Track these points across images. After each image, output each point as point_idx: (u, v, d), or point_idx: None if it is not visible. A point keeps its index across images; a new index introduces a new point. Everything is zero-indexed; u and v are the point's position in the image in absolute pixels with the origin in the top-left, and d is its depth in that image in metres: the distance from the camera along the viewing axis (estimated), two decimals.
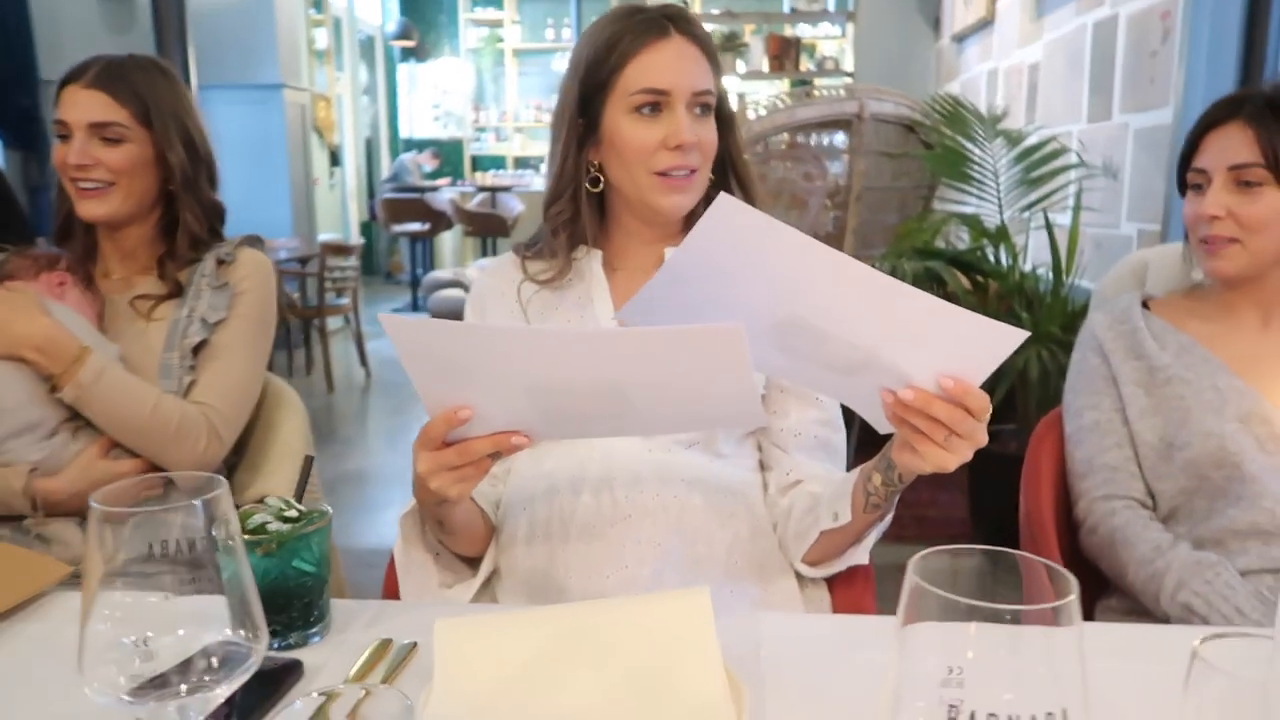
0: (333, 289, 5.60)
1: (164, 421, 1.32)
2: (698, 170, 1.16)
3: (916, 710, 0.43)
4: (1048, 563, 0.43)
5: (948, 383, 0.84)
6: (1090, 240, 3.34)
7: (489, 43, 10.31)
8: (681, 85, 1.13)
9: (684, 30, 1.15)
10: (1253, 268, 1.26)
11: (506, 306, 1.25)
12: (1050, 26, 3.81)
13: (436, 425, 0.88)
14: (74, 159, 1.36)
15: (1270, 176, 1.21)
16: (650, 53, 1.13)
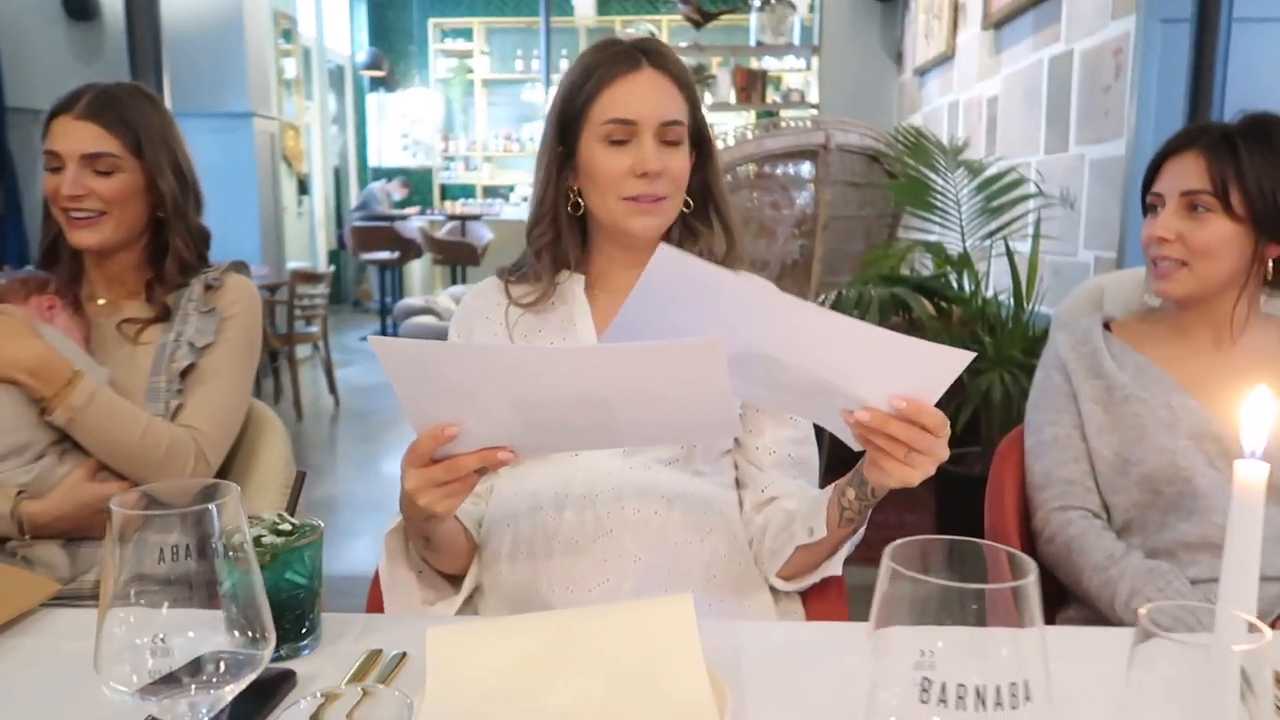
0: (302, 317, 5.59)
1: (154, 444, 1.33)
2: (667, 197, 1.20)
3: (892, 689, 0.46)
4: (1009, 550, 0.47)
5: (900, 403, 0.90)
6: (1049, 267, 3.43)
7: (458, 73, 10.38)
8: (648, 116, 1.17)
9: (656, 63, 1.19)
10: (1199, 291, 1.32)
11: (492, 329, 1.28)
12: (1008, 61, 3.93)
13: (424, 442, 0.91)
14: (67, 190, 1.38)
15: (1218, 204, 1.27)
16: (620, 85, 1.18)
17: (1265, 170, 1.26)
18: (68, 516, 1.33)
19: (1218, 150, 1.28)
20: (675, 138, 1.19)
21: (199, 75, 5.85)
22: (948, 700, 0.44)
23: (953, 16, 4.60)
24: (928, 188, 3.14)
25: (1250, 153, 1.26)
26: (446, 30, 10.33)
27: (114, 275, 1.48)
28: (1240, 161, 1.26)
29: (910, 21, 5.49)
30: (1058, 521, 1.35)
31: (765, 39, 6.29)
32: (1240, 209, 1.27)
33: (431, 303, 4.05)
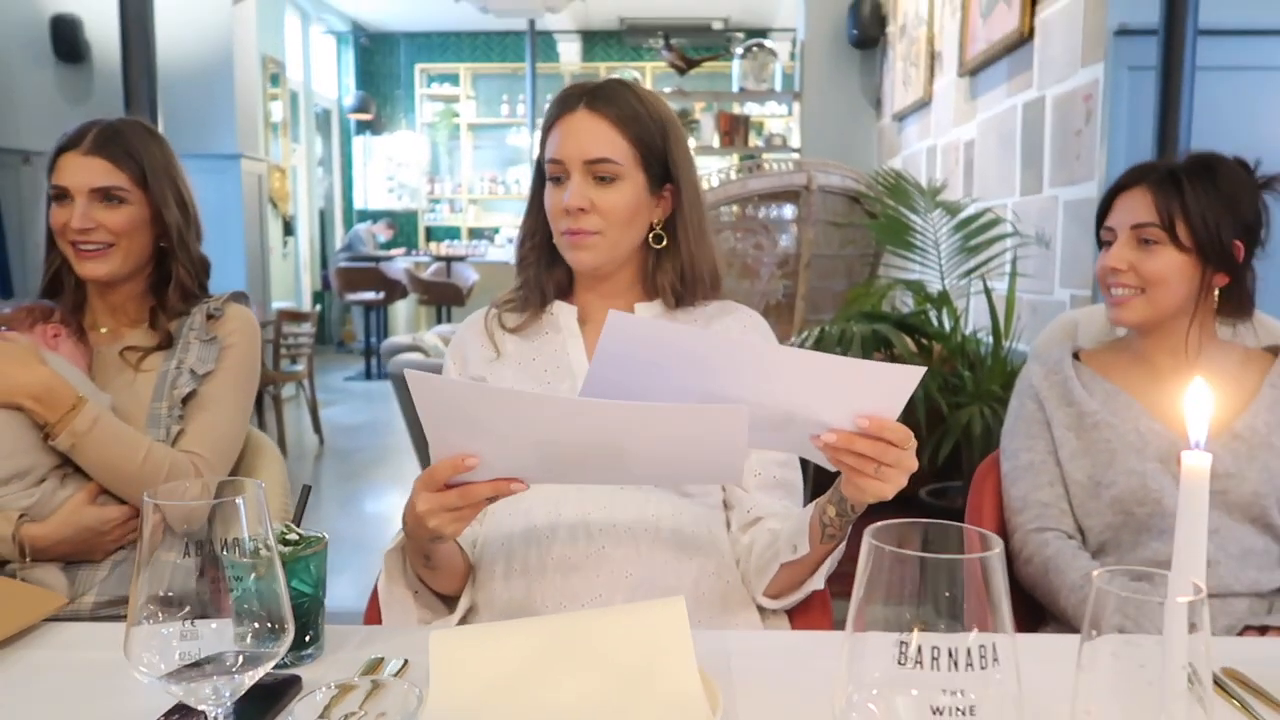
0: (288, 355, 5.61)
1: (154, 469, 1.36)
2: (598, 232, 1.24)
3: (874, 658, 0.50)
4: (980, 530, 0.51)
5: (863, 422, 0.95)
6: (1026, 305, 3.51)
7: (445, 117, 10.52)
8: (572, 155, 1.23)
9: (593, 105, 1.24)
10: (1152, 317, 1.39)
11: (485, 356, 1.32)
12: (983, 107, 4.05)
13: (442, 469, 0.95)
14: (77, 223, 1.42)
15: (1165, 236, 1.35)
16: (558, 126, 1.26)
17: (1208, 204, 1.34)
18: (68, 540, 1.35)
19: (1163, 186, 1.36)
20: (607, 174, 1.23)
21: (189, 117, 5.91)
22: (923, 662, 0.48)
23: (929, 64, 4.73)
24: (907, 227, 3.22)
25: (1194, 188, 1.34)
26: (433, 75, 10.48)
27: (117, 304, 1.52)
28: (1184, 196, 1.34)
29: (889, 68, 5.63)
30: (1035, 543, 1.40)
31: (748, 85, 6.43)
32: (1186, 240, 1.34)
33: (418, 340, 4.08)
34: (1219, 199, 1.34)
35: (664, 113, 1.30)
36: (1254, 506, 1.32)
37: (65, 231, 1.44)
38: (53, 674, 0.93)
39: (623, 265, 1.31)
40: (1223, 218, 1.34)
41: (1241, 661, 0.94)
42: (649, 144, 1.26)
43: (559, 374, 1.29)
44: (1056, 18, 3.28)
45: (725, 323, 1.34)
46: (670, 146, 1.28)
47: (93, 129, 1.46)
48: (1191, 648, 0.47)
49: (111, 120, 1.49)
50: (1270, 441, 1.34)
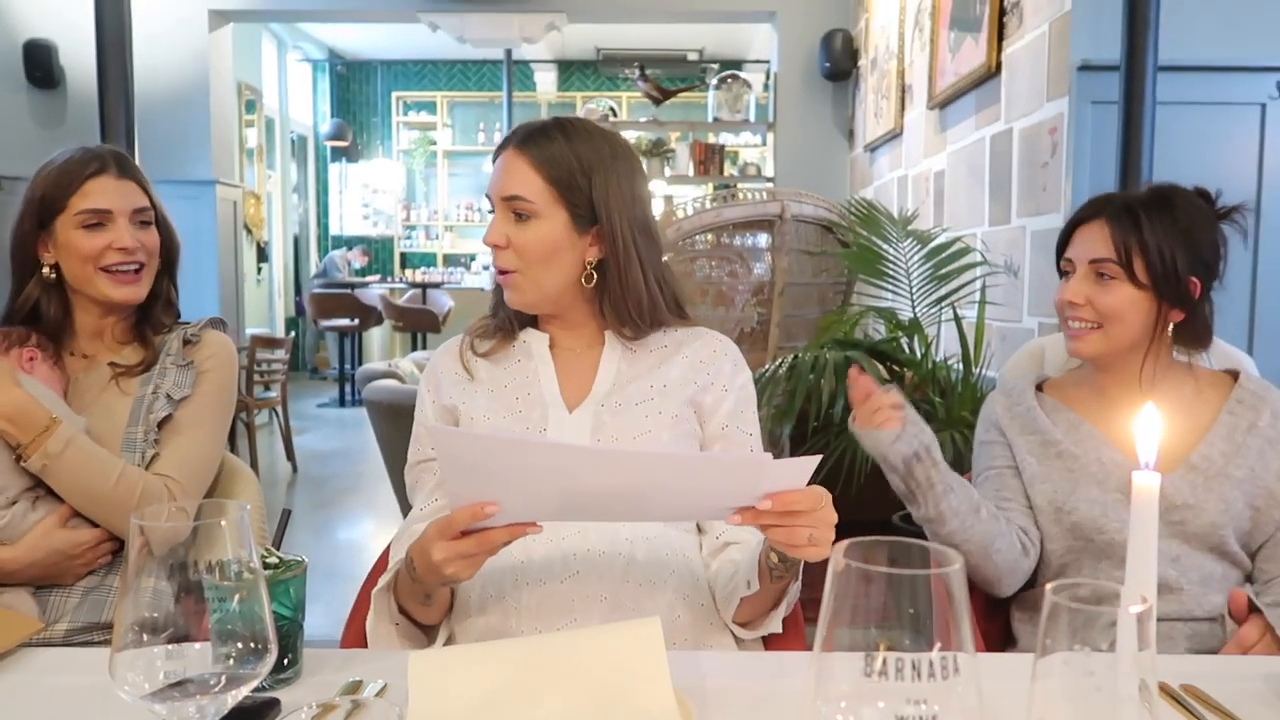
0: (261, 382, 5.59)
1: (127, 492, 1.36)
2: (517, 270, 1.28)
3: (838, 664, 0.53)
4: (941, 547, 0.54)
5: (765, 504, 0.96)
6: (996, 333, 3.57)
7: (421, 144, 10.55)
8: (494, 192, 1.29)
9: (521, 145, 1.28)
10: (1108, 350, 1.40)
11: (459, 384, 1.34)
12: (953, 139, 4.13)
13: (461, 518, 0.97)
14: (127, 243, 1.44)
15: (1122, 272, 1.36)
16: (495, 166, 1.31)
17: (1165, 238, 1.35)
18: (39, 564, 1.35)
19: (1121, 221, 1.37)
20: (522, 211, 1.27)
21: (165, 143, 5.92)
22: (888, 673, 0.50)
23: (900, 97, 4.83)
24: (879, 256, 3.27)
25: (1151, 223, 1.35)
26: (410, 103, 10.52)
27: (101, 329, 1.52)
28: (1142, 232, 1.35)
29: (860, 101, 5.73)
30: None
31: (722, 115, 6.52)
32: (1143, 277, 1.35)
33: (395, 367, 4.08)
34: (1176, 235, 1.35)
35: (595, 153, 1.29)
36: (1212, 536, 1.35)
37: (104, 255, 1.45)
38: (31, 699, 0.93)
39: (567, 304, 1.32)
40: (1179, 254, 1.35)
41: (1200, 677, 0.97)
42: (568, 184, 1.27)
43: (530, 401, 1.30)
44: (1022, 53, 3.37)
45: (694, 347, 1.36)
46: (595, 186, 1.28)
47: (111, 153, 1.49)
48: (1140, 658, 0.50)
49: (106, 147, 1.51)
50: (1226, 471, 1.36)
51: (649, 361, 1.34)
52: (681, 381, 1.32)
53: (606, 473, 0.95)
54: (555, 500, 0.97)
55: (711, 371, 1.34)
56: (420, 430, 1.36)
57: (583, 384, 1.33)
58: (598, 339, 1.36)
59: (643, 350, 1.35)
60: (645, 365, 1.34)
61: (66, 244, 1.45)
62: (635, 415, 1.28)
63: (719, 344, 1.38)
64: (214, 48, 6.34)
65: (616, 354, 1.35)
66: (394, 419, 3.64)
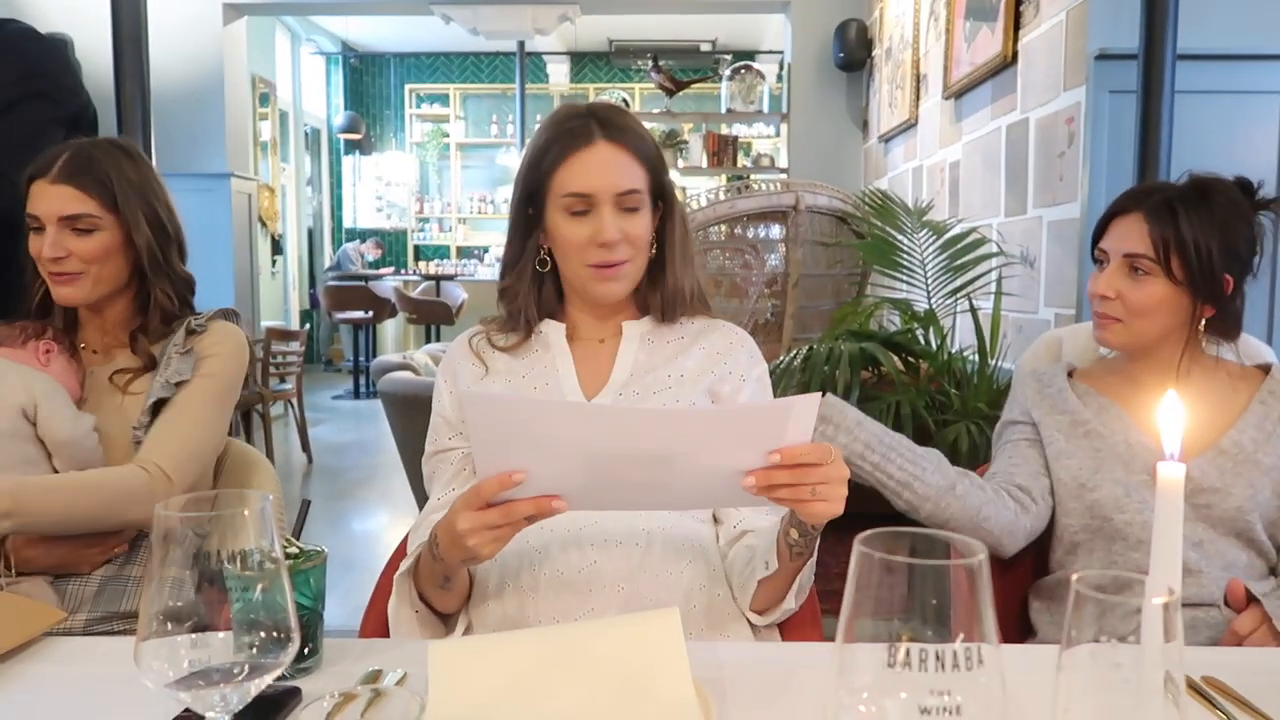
0: (276, 374, 5.61)
1: (105, 503, 1.34)
2: (628, 260, 1.28)
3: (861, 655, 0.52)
4: (964, 538, 0.53)
5: (775, 458, 0.97)
6: (1012, 324, 3.55)
7: (434, 137, 10.57)
8: (603, 189, 1.25)
9: (610, 135, 1.26)
10: (1135, 344, 1.41)
11: (476, 374, 1.34)
12: (968, 129, 4.10)
13: (489, 486, 0.97)
14: (48, 252, 1.42)
15: (1158, 268, 1.36)
16: (577, 160, 1.25)
17: (1202, 234, 1.33)
18: (55, 552, 1.35)
19: (1159, 215, 1.36)
20: (633, 204, 1.27)
21: (179, 137, 5.94)
22: (911, 664, 0.50)
23: (915, 86, 4.80)
24: (894, 247, 3.26)
25: (1190, 219, 1.34)
26: (423, 95, 10.53)
27: (105, 325, 1.53)
28: (1180, 227, 1.34)
29: (875, 91, 5.70)
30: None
31: (735, 106, 6.50)
32: (1179, 273, 1.35)
33: (409, 359, 4.09)
34: (1214, 232, 1.34)
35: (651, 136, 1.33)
36: (1238, 521, 1.35)
37: (40, 259, 1.45)
38: (54, 688, 0.94)
39: None
40: (1216, 251, 1.34)
41: (1222, 669, 0.97)
42: (656, 170, 1.30)
43: (547, 391, 1.30)
44: (1039, 42, 3.34)
45: (711, 339, 1.36)
46: (663, 166, 1.33)
47: (62, 155, 1.45)
48: (1166, 650, 0.50)
49: (84, 144, 1.48)
50: (1255, 458, 1.36)
51: (666, 352, 1.35)
52: (698, 371, 1.32)
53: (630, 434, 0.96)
54: (581, 471, 0.96)
55: (729, 362, 1.35)
56: (438, 420, 1.36)
57: (600, 373, 1.33)
58: (617, 328, 1.36)
59: (660, 341, 1.36)
60: (662, 356, 1.34)
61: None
62: (653, 403, 1.28)
63: (735, 336, 1.39)
64: (228, 41, 6.36)
65: (634, 345, 1.35)
66: (409, 411, 3.65)
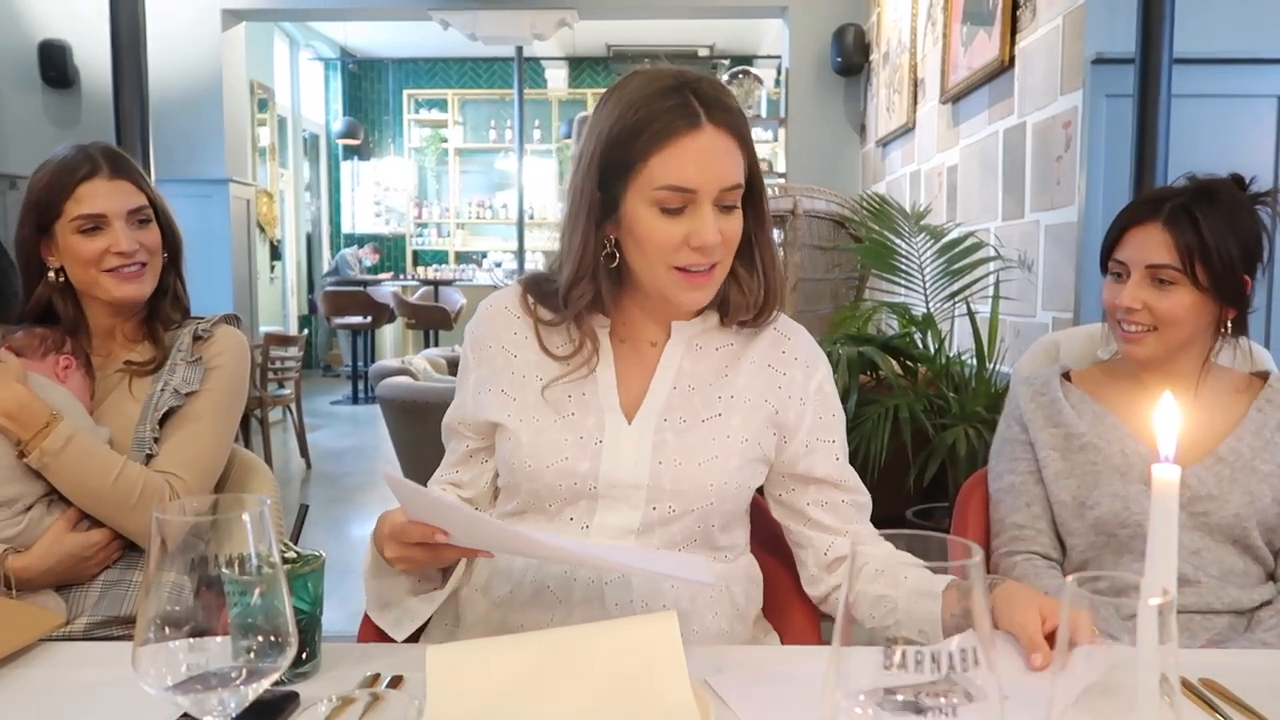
0: (275, 379, 5.61)
1: (126, 490, 1.35)
2: (719, 264, 1.12)
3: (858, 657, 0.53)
4: (961, 540, 0.54)
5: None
6: (1010, 328, 3.56)
7: (432, 142, 10.58)
8: (709, 184, 1.07)
9: (717, 120, 1.07)
10: (1165, 352, 1.39)
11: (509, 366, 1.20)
12: (965, 133, 4.11)
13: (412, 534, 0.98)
14: (125, 246, 1.43)
15: (1183, 277, 1.34)
16: (679, 147, 1.06)
17: (1222, 238, 1.33)
18: (53, 570, 1.35)
19: (1180, 225, 1.34)
20: (733, 202, 1.10)
21: (178, 142, 5.95)
22: (908, 665, 0.50)
23: (912, 91, 4.81)
24: (892, 251, 3.26)
25: (1210, 226, 1.32)
26: (421, 101, 10.55)
27: (118, 326, 1.52)
28: (1203, 235, 1.32)
29: (872, 95, 5.71)
30: (1004, 566, 1.43)
31: None
32: (1204, 280, 1.34)
33: (408, 364, 4.09)
34: (1230, 234, 1.33)
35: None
36: (1235, 528, 1.34)
37: (104, 258, 1.44)
38: (52, 693, 0.94)
39: None
40: (1236, 253, 1.33)
41: (1219, 671, 0.97)
42: (752, 156, 1.13)
43: (585, 405, 1.17)
44: (1036, 47, 3.35)
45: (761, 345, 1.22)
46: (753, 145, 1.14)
47: (100, 153, 1.46)
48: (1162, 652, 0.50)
49: (99, 144, 1.49)
50: (1253, 465, 1.36)
51: (714, 363, 1.21)
52: (749, 391, 1.19)
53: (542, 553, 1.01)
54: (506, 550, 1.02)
55: (784, 383, 1.21)
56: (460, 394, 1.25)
57: (641, 383, 1.19)
58: (663, 330, 1.22)
59: (708, 348, 1.22)
60: (710, 367, 1.21)
61: (67, 249, 1.44)
62: (701, 436, 1.16)
63: (789, 340, 1.24)
64: (227, 47, 6.37)
65: (679, 351, 1.21)
66: (408, 416, 3.66)
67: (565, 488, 1.15)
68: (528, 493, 1.18)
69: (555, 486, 1.15)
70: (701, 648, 1.03)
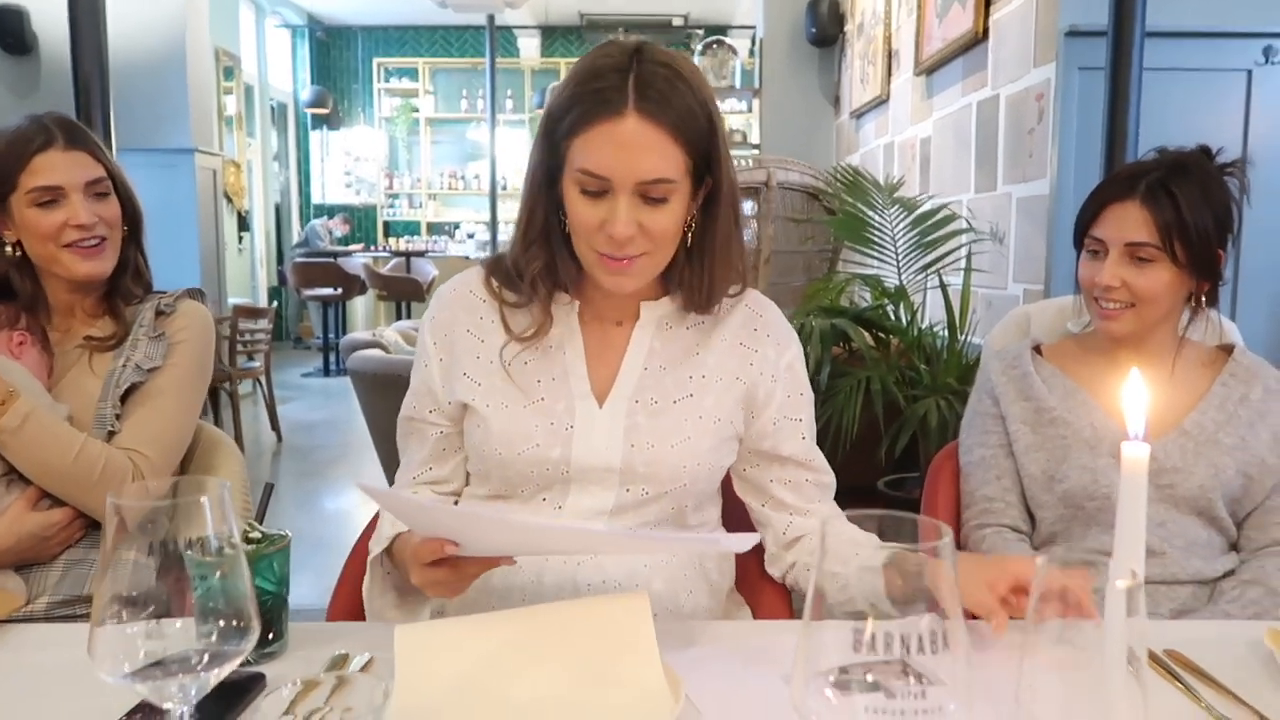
0: (244, 352, 5.55)
1: (87, 467, 1.32)
2: (645, 254, 1.08)
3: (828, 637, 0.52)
4: (932, 520, 0.53)
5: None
6: (981, 300, 3.57)
7: (403, 111, 10.43)
8: (624, 176, 1.03)
9: (648, 110, 1.02)
10: (1142, 328, 1.40)
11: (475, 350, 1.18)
12: (939, 105, 4.11)
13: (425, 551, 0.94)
14: (83, 219, 1.39)
15: (1162, 254, 1.34)
16: (597, 132, 1.03)
17: (1199, 213, 1.33)
18: (13, 549, 1.32)
19: (1159, 201, 1.34)
20: (660, 195, 1.05)
21: (141, 111, 5.82)
22: (878, 647, 0.50)
23: (886, 63, 4.79)
24: (865, 224, 3.26)
25: (1186, 199, 1.33)
26: (391, 69, 10.39)
27: (78, 303, 1.48)
28: (1181, 211, 1.32)
29: (847, 67, 5.69)
30: (974, 540, 1.44)
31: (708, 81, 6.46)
32: (1182, 257, 1.34)
33: (379, 336, 4.05)
34: (1206, 207, 1.34)
35: (708, 95, 1.08)
36: (1200, 500, 1.36)
37: (61, 233, 1.39)
38: (12, 676, 0.92)
39: None
40: (1212, 227, 1.34)
41: (1183, 643, 0.98)
42: (700, 146, 1.07)
43: (555, 390, 1.15)
44: (1009, 19, 3.34)
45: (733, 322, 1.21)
46: (714, 138, 1.09)
47: (55, 123, 1.42)
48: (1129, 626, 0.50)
49: (55, 114, 1.45)
50: (1217, 438, 1.38)
51: (685, 342, 1.20)
52: (721, 370, 1.19)
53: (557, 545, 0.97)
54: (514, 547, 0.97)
55: (756, 360, 1.20)
56: (420, 386, 1.21)
57: (611, 364, 1.17)
58: (631, 310, 1.19)
59: (679, 327, 1.20)
60: (681, 347, 1.19)
61: (23, 223, 1.40)
62: (674, 418, 1.15)
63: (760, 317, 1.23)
64: (190, 13, 6.22)
65: (649, 333, 1.19)
66: (379, 389, 3.62)
67: (538, 474, 1.14)
68: (500, 479, 1.17)
69: (528, 474, 1.14)
70: (674, 624, 1.03)
